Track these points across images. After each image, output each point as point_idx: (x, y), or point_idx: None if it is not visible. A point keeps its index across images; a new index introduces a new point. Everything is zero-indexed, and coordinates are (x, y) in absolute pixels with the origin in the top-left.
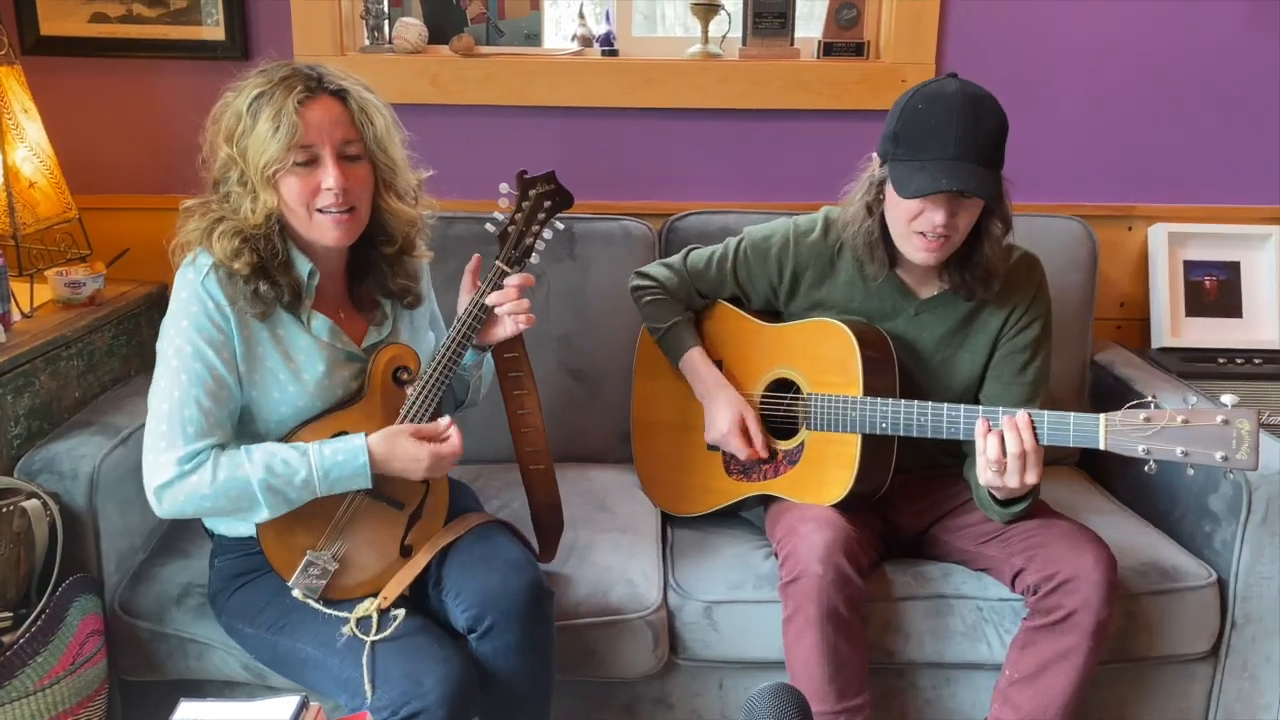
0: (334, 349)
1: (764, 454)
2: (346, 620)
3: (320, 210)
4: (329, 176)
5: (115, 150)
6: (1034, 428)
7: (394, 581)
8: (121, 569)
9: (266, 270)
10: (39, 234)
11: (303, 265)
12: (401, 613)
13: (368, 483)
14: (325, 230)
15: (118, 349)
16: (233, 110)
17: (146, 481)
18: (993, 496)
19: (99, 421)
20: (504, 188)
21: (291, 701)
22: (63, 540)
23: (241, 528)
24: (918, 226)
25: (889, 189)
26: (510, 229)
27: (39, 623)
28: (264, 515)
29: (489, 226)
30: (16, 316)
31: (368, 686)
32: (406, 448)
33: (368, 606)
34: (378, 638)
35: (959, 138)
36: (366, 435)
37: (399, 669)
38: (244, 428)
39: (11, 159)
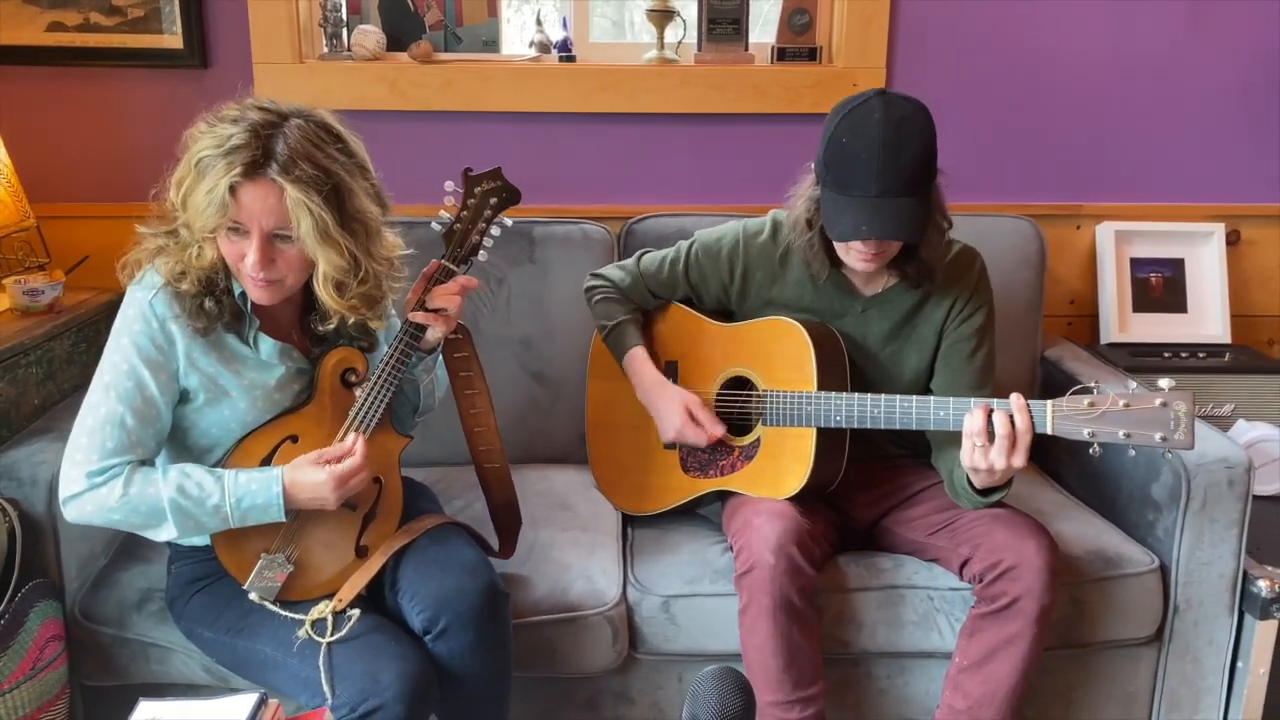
0: (285, 366)
1: (718, 432)
2: (303, 622)
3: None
4: (249, 255)
5: (73, 159)
6: (1029, 409)
7: (349, 584)
8: (82, 575)
9: (212, 290)
10: None
11: (237, 288)
12: (357, 613)
13: (281, 515)
14: (249, 287)
15: (77, 356)
16: (188, 158)
17: (60, 490)
18: (970, 485)
19: (58, 428)
20: (449, 185)
21: (250, 699)
22: (22, 546)
23: (195, 537)
24: (851, 247)
25: (822, 216)
26: (456, 227)
27: None
28: (174, 535)
29: (435, 225)
30: None
31: (326, 689)
32: (308, 476)
33: (322, 609)
34: (334, 639)
35: (879, 174)
36: (282, 467)
37: (357, 667)
38: (189, 441)
39: None
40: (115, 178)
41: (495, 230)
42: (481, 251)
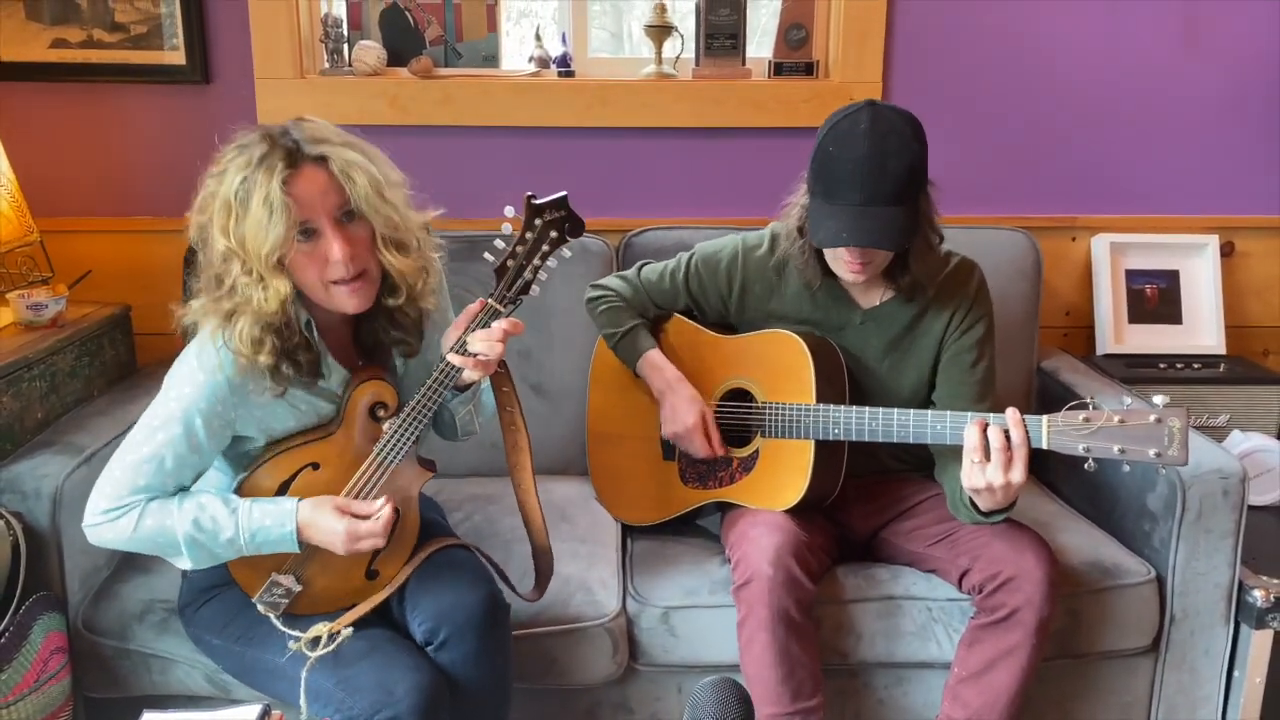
0: (339, 391)
1: (720, 452)
2: (308, 636)
3: (335, 282)
4: (334, 248)
5: (77, 174)
6: (1024, 424)
7: (350, 614)
8: (85, 587)
9: (289, 353)
10: (0, 257)
11: (300, 317)
12: (349, 630)
13: (295, 548)
14: (343, 301)
15: (80, 370)
16: (221, 200)
17: (85, 513)
18: (974, 506)
19: (62, 441)
20: (509, 212)
21: (253, 710)
22: (26, 559)
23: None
24: (838, 255)
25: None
26: (510, 263)
27: (2, 641)
28: (187, 565)
29: (488, 256)
30: None
31: (302, 703)
32: (326, 520)
33: (319, 629)
34: (320, 652)
35: (864, 183)
36: (300, 500)
37: (371, 678)
38: (243, 449)
39: None
40: (118, 192)
41: (553, 263)
42: (534, 288)
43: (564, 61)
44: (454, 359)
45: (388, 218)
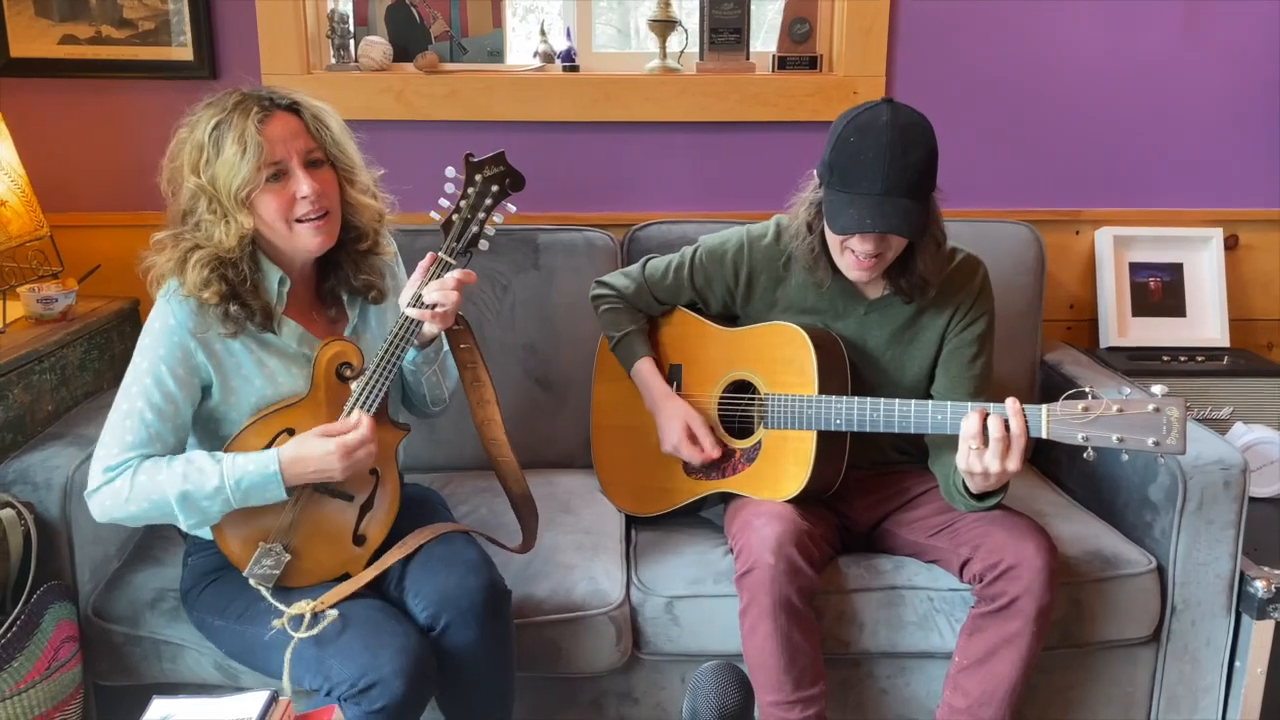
0: (304, 355)
1: (715, 454)
2: (295, 612)
3: (299, 220)
4: (302, 185)
5: (86, 169)
6: (1024, 414)
7: (333, 592)
8: (95, 576)
9: (236, 294)
10: (11, 251)
11: (273, 275)
12: (334, 614)
13: (281, 492)
14: (307, 239)
15: (90, 363)
16: (193, 143)
17: (87, 489)
18: (966, 490)
19: (71, 434)
20: (450, 172)
21: (261, 696)
22: (37, 549)
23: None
24: (850, 248)
25: (824, 214)
26: (454, 217)
27: (14, 629)
28: (182, 523)
29: (433, 215)
30: None
31: (286, 683)
32: (313, 446)
33: (302, 606)
34: (306, 635)
35: (885, 173)
36: (284, 446)
37: (357, 644)
38: (223, 432)
39: None
40: (126, 188)
41: (498, 218)
42: (483, 242)
43: (569, 56)
44: (411, 312)
45: (352, 162)
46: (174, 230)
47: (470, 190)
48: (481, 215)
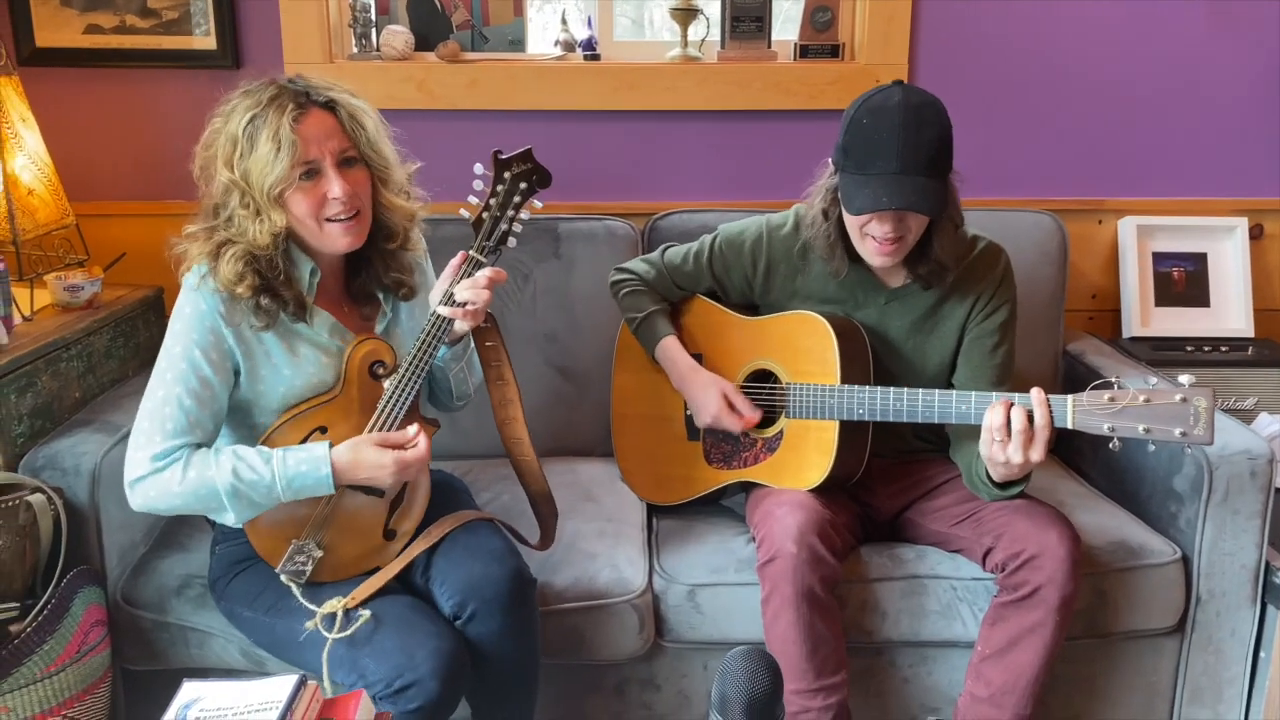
0: (336, 346)
1: (756, 418)
2: (324, 612)
3: (330, 220)
4: (334, 186)
5: (111, 158)
6: (1048, 405)
7: (364, 586)
8: (123, 562)
9: (269, 287)
10: (38, 240)
11: (304, 266)
12: (367, 613)
13: (331, 490)
14: (336, 238)
15: (115, 350)
16: (227, 135)
17: (125, 476)
18: (989, 479)
19: (99, 420)
20: (478, 169)
21: (290, 681)
22: (66, 534)
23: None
24: (869, 232)
25: (840, 198)
26: (484, 215)
27: (45, 613)
28: (230, 518)
29: (463, 212)
30: (18, 320)
31: (326, 683)
32: (370, 456)
33: (334, 604)
34: (339, 635)
35: (900, 151)
36: (331, 446)
37: (393, 643)
38: (252, 419)
39: (11, 167)
40: (151, 176)
41: (525, 215)
42: (511, 239)
43: (589, 45)
44: (443, 310)
45: (386, 162)
46: (207, 224)
47: (500, 188)
48: (511, 213)
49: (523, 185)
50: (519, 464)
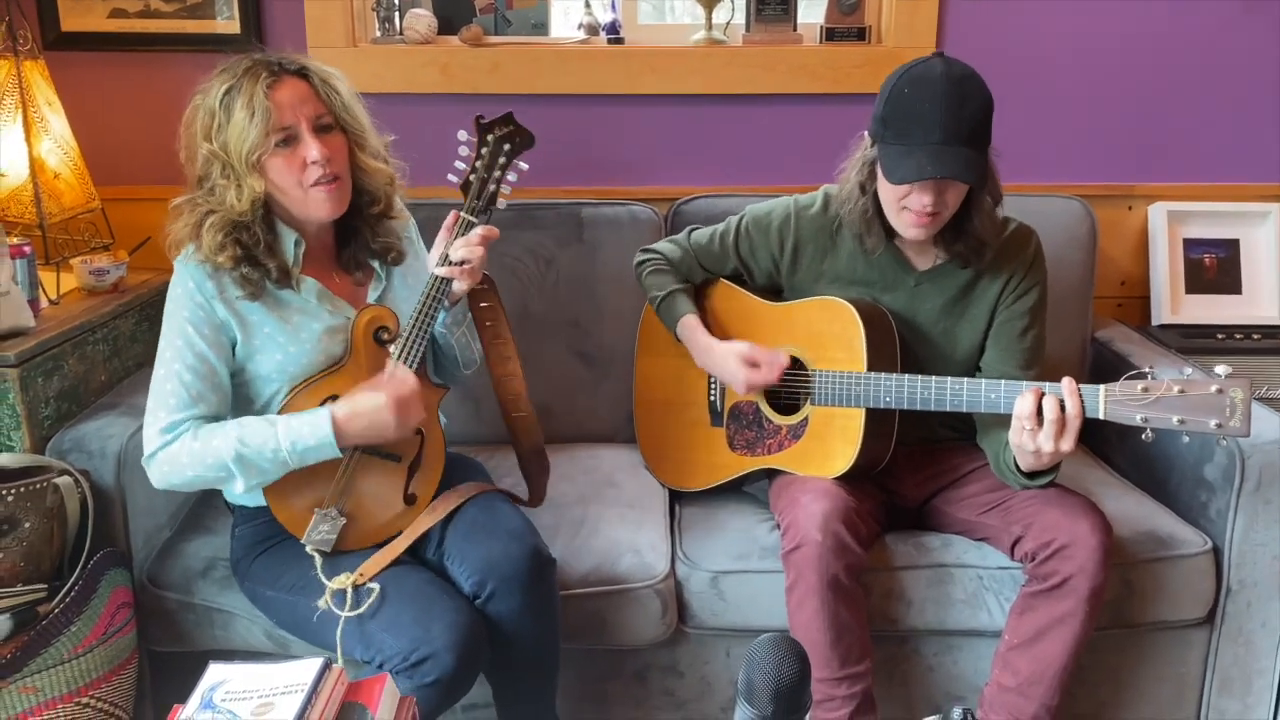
0: (328, 312)
1: (785, 362)
2: (333, 588)
3: (313, 185)
4: (312, 150)
5: (135, 142)
6: (1079, 395)
7: (372, 561)
8: (149, 544)
9: (250, 256)
10: (64, 223)
11: (288, 237)
12: (376, 588)
13: (335, 451)
14: (320, 204)
15: (141, 334)
16: (205, 109)
17: (144, 452)
18: (1018, 467)
19: (124, 403)
20: (462, 135)
21: (315, 663)
22: (93, 516)
23: (259, 498)
24: (907, 205)
25: (880, 169)
26: (472, 178)
27: (72, 594)
28: (239, 486)
29: (450, 178)
30: (44, 303)
31: (340, 659)
32: (364, 401)
33: (343, 580)
34: (351, 614)
35: (943, 122)
36: (334, 405)
37: (408, 617)
38: (253, 392)
39: (37, 151)
40: (175, 161)
41: (512, 176)
42: (500, 200)
43: (613, 28)
44: (441, 270)
45: (362, 126)
46: (189, 196)
47: (484, 150)
48: (497, 174)
49: (506, 147)
50: (515, 421)
